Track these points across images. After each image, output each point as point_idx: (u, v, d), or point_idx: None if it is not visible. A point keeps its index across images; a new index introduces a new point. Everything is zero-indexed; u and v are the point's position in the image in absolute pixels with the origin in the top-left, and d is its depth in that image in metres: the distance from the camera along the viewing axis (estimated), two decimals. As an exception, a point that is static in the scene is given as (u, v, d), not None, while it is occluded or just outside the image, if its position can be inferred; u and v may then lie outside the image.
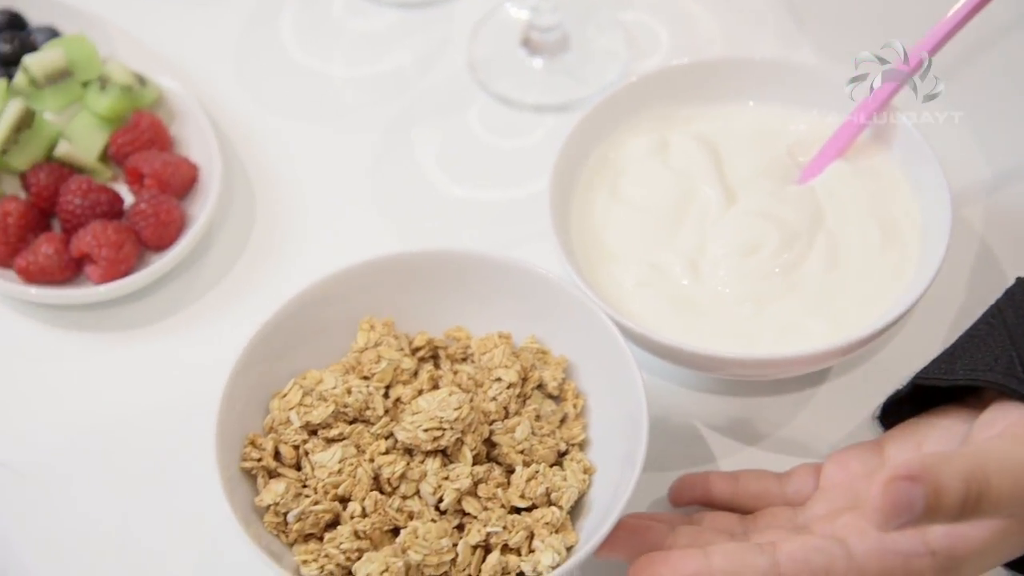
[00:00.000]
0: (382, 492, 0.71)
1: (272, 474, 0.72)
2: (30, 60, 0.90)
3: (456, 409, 0.71)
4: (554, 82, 0.99)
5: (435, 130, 0.97)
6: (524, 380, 0.75)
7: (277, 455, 0.73)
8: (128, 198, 0.90)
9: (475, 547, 0.69)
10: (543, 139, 0.96)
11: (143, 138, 0.90)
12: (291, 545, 0.70)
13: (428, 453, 0.71)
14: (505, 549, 0.69)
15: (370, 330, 0.77)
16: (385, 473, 0.71)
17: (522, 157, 0.96)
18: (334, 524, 0.70)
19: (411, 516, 0.70)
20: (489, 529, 0.69)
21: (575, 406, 0.75)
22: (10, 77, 0.92)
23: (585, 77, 0.99)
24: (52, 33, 0.96)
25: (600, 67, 0.99)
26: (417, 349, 0.77)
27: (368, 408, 0.73)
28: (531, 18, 0.99)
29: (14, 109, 0.88)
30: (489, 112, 0.98)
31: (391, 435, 0.72)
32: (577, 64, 0.99)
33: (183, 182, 0.90)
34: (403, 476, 0.71)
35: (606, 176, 0.83)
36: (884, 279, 0.77)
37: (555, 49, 1.00)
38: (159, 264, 0.86)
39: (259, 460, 0.72)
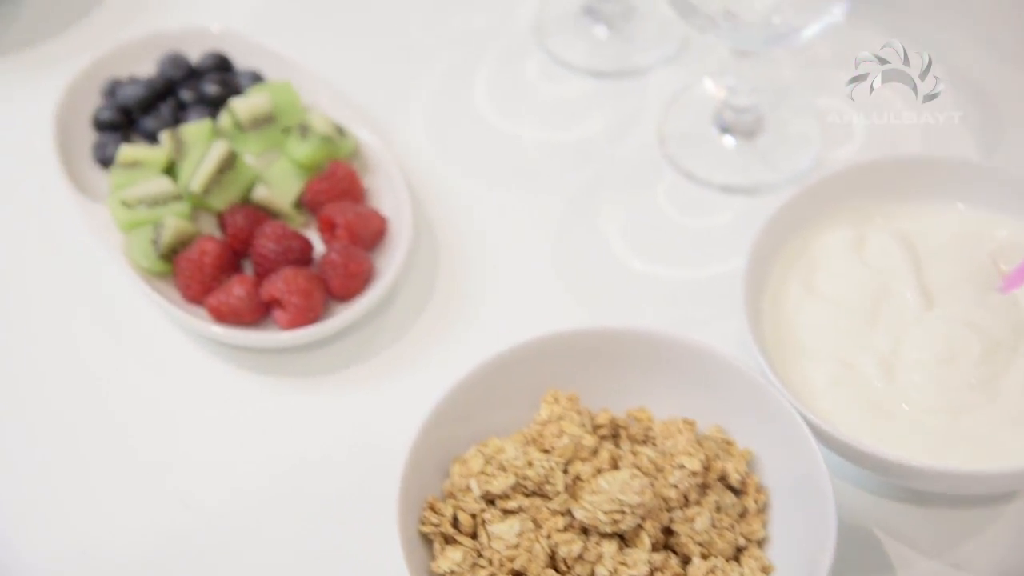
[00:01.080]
0: (557, 570, 0.70)
1: (449, 540, 0.72)
2: (237, 104, 0.93)
3: (638, 493, 0.70)
4: (745, 164, 0.98)
5: (621, 202, 0.97)
6: (706, 469, 0.74)
7: (455, 521, 0.73)
8: (318, 245, 0.92)
9: (649, 637, 0.69)
10: (730, 221, 0.96)
11: (338, 188, 0.92)
12: (463, 615, 0.70)
13: (605, 535, 0.71)
14: (679, 642, 0.69)
15: (554, 403, 0.76)
16: (562, 552, 0.70)
17: (707, 237, 0.95)
18: (507, 598, 0.70)
19: (585, 598, 0.69)
20: (664, 620, 0.68)
21: (756, 501, 0.74)
22: (215, 118, 0.95)
23: (777, 161, 0.98)
24: (256, 78, 0.98)
25: (792, 152, 0.98)
26: (598, 427, 0.77)
27: (548, 483, 0.72)
28: (727, 97, 0.98)
29: (219, 150, 0.90)
30: (676, 188, 0.98)
31: (568, 512, 0.72)
32: (769, 147, 0.99)
33: (373, 234, 0.91)
34: (580, 557, 0.70)
35: (801, 267, 0.82)
36: (1091, 400, 0.75)
37: (748, 130, 0.99)
38: (345, 315, 0.87)
39: (437, 525, 0.72)
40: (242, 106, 0.93)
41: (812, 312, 0.80)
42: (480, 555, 0.71)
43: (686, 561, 0.71)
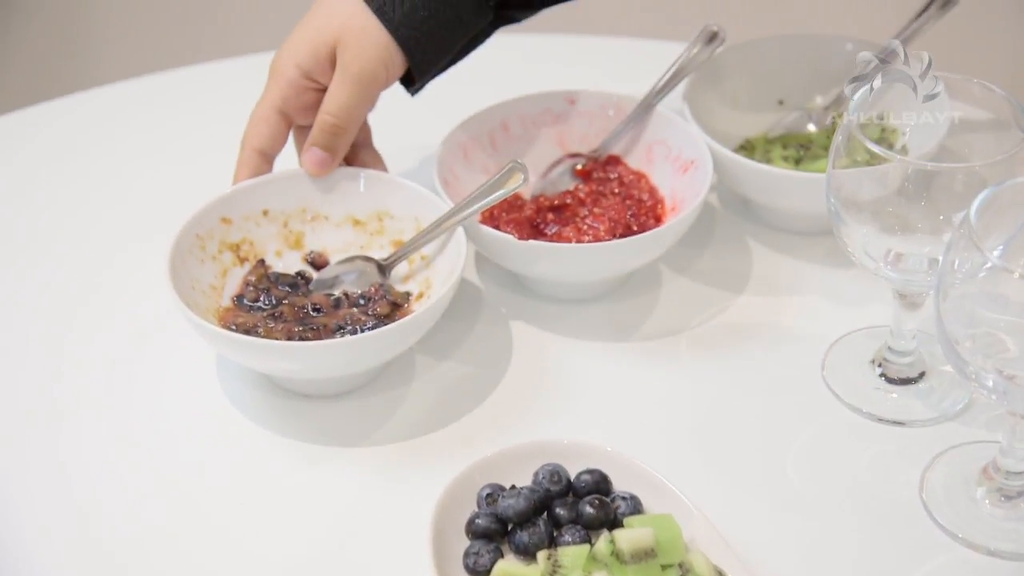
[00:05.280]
0: None
1: None
2: (621, 535, 0.90)
3: None
4: None
5: None
6: None
7: None
8: None
9: None
10: None
11: (712, 639, 0.87)
12: None
13: None
14: None
15: None
16: None
17: None
18: None
19: None
20: None
21: None
22: (590, 540, 0.93)
23: None
24: (635, 503, 0.96)
25: None
26: None
27: None
28: None
29: (597, 582, 0.87)
30: None
31: None
32: None
33: None
34: None
35: None
36: None
37: None
38: None
39: None
40: (626, 538, 0.90)
41: None
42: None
43: None
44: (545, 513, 0.97)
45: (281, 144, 1.16)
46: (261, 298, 1.14)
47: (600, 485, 0.98)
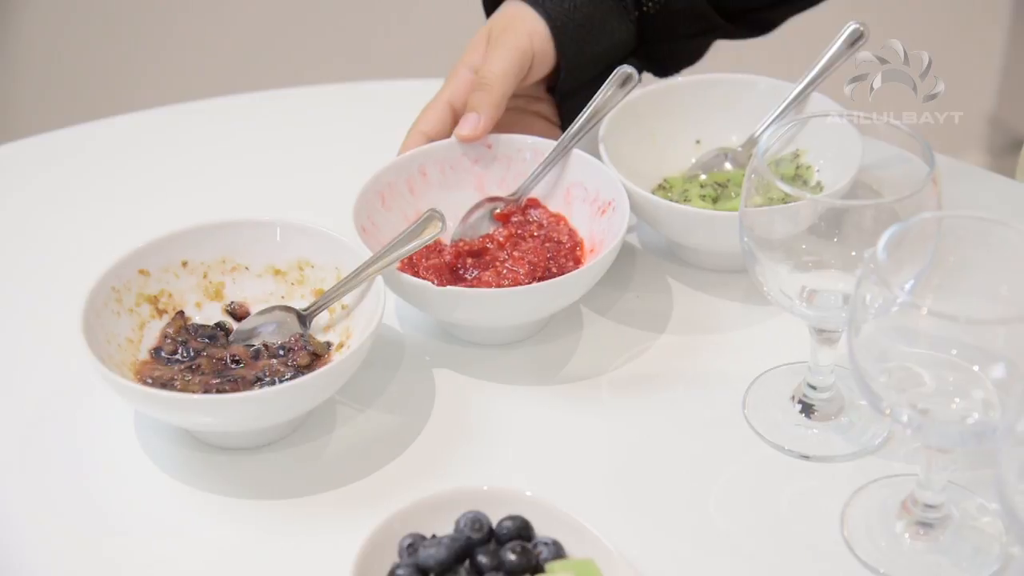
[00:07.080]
0: None
1: None
2: (543, 581, 0.90)
3: None
4: None
5: None
6: None
7: None
8: None
9: None
10: None
11: None
12: None
13: None
14: None
15: None
16: None
17: None
18: None
19: None
20: None
21: None
22: (512, 588, 0.92)
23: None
24: (557, 548, 0.96)
25: None
26: None
27: None
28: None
29: (520, 630, 0.87)
30: None
31: None
32: None
33: None
34: None
35: None
36: None
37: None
38: None
39: None
40: (547, 584, 0.90)
41: None
42: None
43: None
44: (467, 561, 0.96)
45: (445, 132, 1.25)
46: (179, 350, 1.12)
47: (522, 531, 0.97)
